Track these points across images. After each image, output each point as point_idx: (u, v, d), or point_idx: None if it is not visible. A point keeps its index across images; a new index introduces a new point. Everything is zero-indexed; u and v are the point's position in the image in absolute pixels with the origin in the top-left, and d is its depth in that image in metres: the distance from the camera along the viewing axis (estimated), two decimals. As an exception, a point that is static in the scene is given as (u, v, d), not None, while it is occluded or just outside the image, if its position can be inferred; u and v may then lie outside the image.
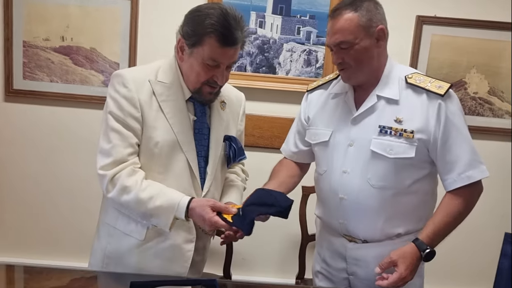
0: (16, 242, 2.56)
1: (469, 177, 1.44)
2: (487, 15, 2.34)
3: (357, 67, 1.45)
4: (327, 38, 1.48)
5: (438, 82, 1.46)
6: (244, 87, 2.38)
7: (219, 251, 2.42)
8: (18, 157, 2.48)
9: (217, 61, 1.38)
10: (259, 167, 2.45)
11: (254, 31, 2.36)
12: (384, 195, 1.47)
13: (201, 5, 1.43)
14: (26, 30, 2.35)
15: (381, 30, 1.44)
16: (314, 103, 1.65)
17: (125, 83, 1.41)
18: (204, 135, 1.50)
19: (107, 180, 1.40)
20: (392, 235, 1.50)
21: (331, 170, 1.54)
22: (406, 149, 1.43)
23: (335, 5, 1.47)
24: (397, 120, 1.45)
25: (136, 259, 1.48)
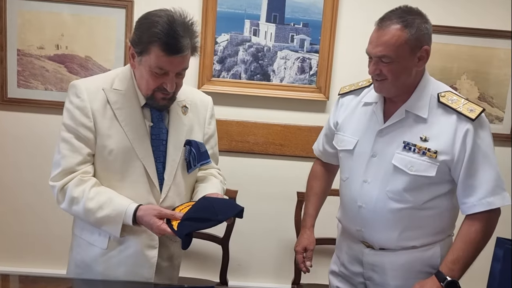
0: (11, 250, 2.54)
1: (489, 203, 1.41)
2: (477, 23, 2.39)
3: (392, 81, 1.43)
4: (369, 46, 1.44)
5: (471, 104, 1.44)
6: (239, 94, 2.41)
7: (215, 257, 2.43)
8: (13, 165, 2.47)
9: (164, 69, 1.36)
10: (254, 173, 2.49)
11: (248, 39, 2.39)
12: (400, 208, 1.47)
13: (150, 12, 1.40)
14: (20, 39, 2.35)
15: (425, 50, 1.42)
16: (344, 108, 1.65)
17: (78, 93, 1.43)
18: (162, 140, 1.49)
19: (56, 191, 1.42)
20: (407, 246, 1.51)
21: (352, 178, 1.56)
22: (427, 167, 1.43)
23: (385, 14, 1.43)
24: (422, 138, 1.44)
25: (101, 268, 1.48)
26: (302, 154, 2.46)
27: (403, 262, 1.52)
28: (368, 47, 1.45)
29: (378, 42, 1.40)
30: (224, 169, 2.42)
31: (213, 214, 1.36)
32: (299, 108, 2.45)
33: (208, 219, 1.35)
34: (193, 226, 1.35)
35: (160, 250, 1.51)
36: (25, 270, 2.49)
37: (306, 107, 2.45)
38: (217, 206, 1.38)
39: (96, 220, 1.41)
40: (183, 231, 1.33)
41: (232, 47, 2.39)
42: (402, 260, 1.52)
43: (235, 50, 2.39)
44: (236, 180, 2.36)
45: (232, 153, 2.47)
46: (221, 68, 2.41)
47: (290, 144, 2.46)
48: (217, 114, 2.39)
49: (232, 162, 2.46)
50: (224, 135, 2.44)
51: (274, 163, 2.50)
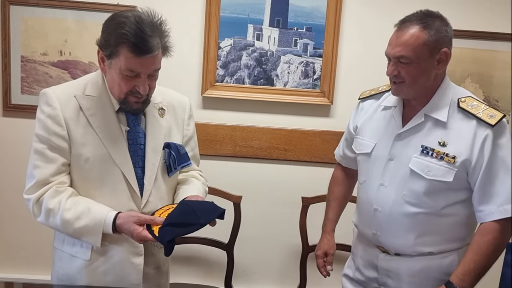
0: (15, 258, 2.53)
1: (506, 211, 1.38)
2: (480, 26, 2.38)
3: (410, 84, 1.42)
4: (388, 48, 1.44)
5: (491, 110, 1.42)
6: (242, 99, 2.41)
7: (220, 263, 2.42)
8: (16, 171, 2.46)
9: (134, 71, 1.32)
10: (259, 178, 2.48)
11: (252, 43, 2.38)
12: (416, 212, 1.46)
13: (116, 13, 1.36)
14: (24, 45, 2.35)
15: (445, 53, 1.41)
16: (364, 112, 1.65)
17: (49, 102, 1.39)
18: (140, 145, 1.46)
19: (31, 204, 1.39)
20: (424, 252, 1.49)
21: (369, 181, 1.56)
22: (445, 172, 1.41)
23: (405, 17, 1.43)
24: (441, 143, 1.43)
25: (86, 280, 1.45)
26: (306, 158, 2.45)
27: (420, 268, 1.50)
28: (387, 49, 1.45)
29: (397, 42, 1.40)
30: (228, 174, 2.43)
31: (195, 218, 1.32)
32: (303, 112, 2.44)
33: (191, 223, 1.32)
34: (175, 231, 1.31)
35: (146, 258, 1.48)
36: (29, 277, 2.48)
37: (310, 112, 2.44)
38: (198, 210, 1.35)
39: (75, 231, 1.37)
40: (166, 237, 1.30)
41: (236, 52, 2.39)
42: (418, 266, 1.50)
43: (239, 55, 2.39)
44: (240, 185, 2.36)
45: (236, 158, 2.46)
46: (224, 73, 2.40)
47: (294, 149, 2.46)
48: (221, 119, 2.42)
49: (236, 167, 2.46)
50: (228, 140, 2.44)
51: (278, 168, 2.49)
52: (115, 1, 2.33)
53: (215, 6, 2.32)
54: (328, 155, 2.44)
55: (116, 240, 1.42)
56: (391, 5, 2.38)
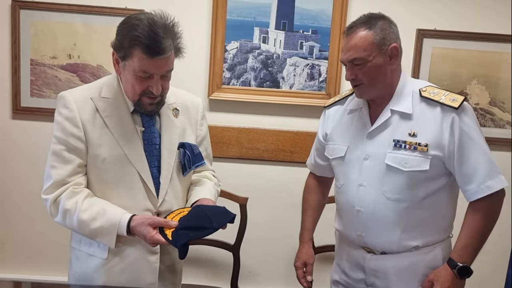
0: (24, 258, 2.56)
1: (489, 187, 1.44)
2: (486, 27, 2.38)
3: (369, 84, 1.47)
4: (341, 55, 1.51)
5: (453, 95, 1.48)
6: (249, 101, 2.43)
7: (226, 264, 2.43)
8: (26, 173, 2.50)
9: (147, 72, 1.35)
10: (265, 180, 2.49)
11: (258, 46, 2.40)
12: (399, 207, 1.49)
13: (130, 16, 1.39)
14: (33, 49, 2.39)
15: (394, 48, 1.47)
16: (331, 119, 1.69)
17: (67, 104, 1.42)
18: (155, 145, 1.48)
19: (49, 204, 1.41)
20: (410, 247, 1.52)
21: (347, 183, 1.57)
22: (420, 162, 1.45)
23: (350, 23, 1.50)
24: (411, 134, 1.47)
25: (103, 278, 1.47)
26: (312, 160, 2.46)
27: (406, 265, 1.52)
28: (341, 56, 1.52)
29: (347, 47, 1.47)
30: (235, 176, 2.45)
31: (208, 222, 1.35)
32: (309, 114, 2.45)
33: (204, 227, 1.35)
34: (189, 235, 1.33)
35: (162, 257, 1.50)
36: (38, 278, 2.51)
37: (316, 114, 2.43)
38: (211, 214, 1.38)
39: (90, 231, 1.40)
40: (180, 241, 1.32)
41: (242, 54, 2.41)
42: (405, 263, 1.52)
43: (245, 57, 2.41)
44: (247, 187, 2.37)
45: (242, 160, 2.48)
46: (230, 76, 2.42)
47: (300, 151, 2.46)
48: (227, 121, 2.44)
49: (242, 169, 2.47)
50: (234, 142, 2.45)
51: (284, 170, 2.50)
52: (123, 4, 2.36)
53: (222, 9, 2.34)
54: (334, 157, 2.45)
55: (131, 240, 1.44)
56: (396, 8, 2.39)
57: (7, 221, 2.53)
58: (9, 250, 2.55)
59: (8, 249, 2.55)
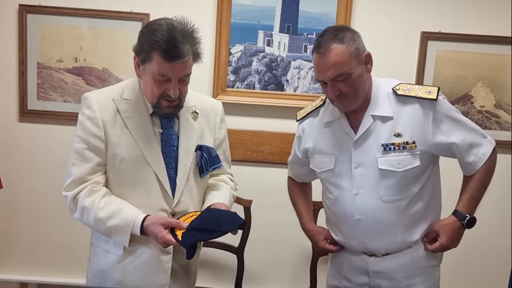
0: (30, 259, 2.58)
1: (484, 154, 1.50)
2: (491, 30, 2.37)
3: (354, 95, 1.46)
4: (318, 75, 1.47)
5: (426, 87, 1.51)
6: (253, 104, 2.43)
7: (230, 267, 2.43)
8: (32, 175, 2.52)
9: (165, 76, 1.39)
10: (269, 183, 2.49)
11: (262, 49, 2.41)
12: (398, 207, 1.50)
13: (152, 20, 1.44)
14: (40, 52, 2.42)
15: (368, 55, 1.48)
16: (307, 133, 1.67)
17: (89, 105, 1.47)
18: (173, 146, 1.51)
19: (69, 200, 1.46)
20: (411, 242, 1.54)
21: (342, 194, 1.56)
22: (411, 160, 1.47)
23: (317, 41, 1.46)
24: (396, 135, 1.48)
25: (118, 275, 1.51)
26: (317, 163, 2.46)
27: (409, 261, 1.55)
28: (318, 76, 1.48)
29: (327, 66, 1.42)
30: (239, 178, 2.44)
31: (217, 225, 1.38)
32: (313, 117, 2.46)
33: (213, 230, 1.37)
34: (198, 236, 1.37)
35: (175, 256, 1.53)
36: (44, 279, 2.53)
37: (320, 116, 2.46)
38: (221, 218, 1.40)
39: (106, 229, 1.45)
40: (188, 241, 1.35)
41: (246, 57, 2.42)
42: (407, 259, 1.55)
43: (249, 60, 2.42)
44: (251, 189, 2.37)
45: (246, 163, 2.48)
46: (235, 79, 2.43)
47: (305, 153, 2.47)
48: (231, 124, 2.44)
49: (246, 171, 2.48)
50: (238, 145, 2.46)
51: (288, 172, 2.50)
52: (129, 8, 2.38)
53: (226, 12, 2.36)
54: (338, 160, 2.45)
55: (145, 240, 1.47)
56: (401, 10, 2.39)
57: (13, 222, 2.55)
58: (16, 252, 2.58)
59: (15, 250, 2.58)
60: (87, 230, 1.63)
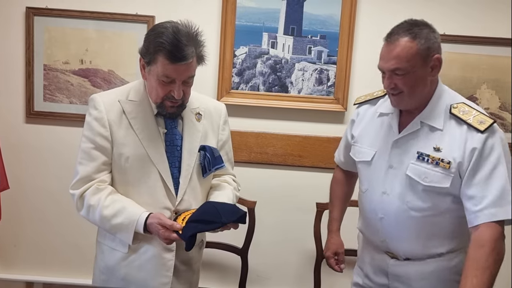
0: (36, 259, 2.60)
1: (493, 215, 1.35)
2: (496, 32, 2.37)
3: (409, 94, 1.43)
4: (380, 62, 1.45)
5: (482, 116, 1.42)
6: (257, 106, 2.44)
7: (234, 268, 2.44)
8: (39, 176, 2.54)
9: (170, 77, 1.42)
10: (273, 184, 2.50)
11: (267, 51, 2.42)
12: (422, 217, 1.46)
13: (158, 23, 1.48)
14: (46, 54, 2.44)
15: (437, 59, 1.42)
16: (360, 118, 1.66)
17: (96, 106, 1.51)
18: (177, 146, 1.55)
19: (76, 198, 1.50)
20: (434, 254, 1.50)
21: (372, 189, 1.56)
22: (441, 178, 1.42)
23: (392, 29, 1.44)
24: (436, 148, 1.43)
25: (124, 272, 1.54)
26: (321, 165, 2.47)
27: (430, 271, 1.51)
28: (380, 63, 1.45)
29: (389, 56, 1.40)
30: (243, 180, 2.44)
31: (217, 216, 1.41)
32: (317, 119, 2.46)
33: (213, 221, 1.40)
34: (197, 227, 1.40)
35: (178, 253, 1.55)
36: (49, 279, 2.55)
37: (324, 118, 2.46)
38: (220, 209, 1.43)
39: (111, 227, 1.48)
40: (187, 233, 1.39)
41: (251, 59, 2.43)
42: (429, 269, 1.50)
43: (254, 62, 2.43)
44: (255, 191, 2.38)
45: (251, 165, 2.49)
46: (239, 81, 2.44)
47: (309, 155, 2.47)
48: (236, 125, 2.45)
49: (251, 173, 2.48)
50: (243, 147, 2.47)
51: (293, 174, 2.51)
52: (134, 11, 2.40)
53: (231, 14, 2.37)
54: (342, 162, 2.45)
55: (149, 238, 1.50)
56: (405, 12, 2.37)
57: (20, 222, 2.57)
58: (21, 252, 2.60)
59: (20, 250, 2.60)
60: (93, 231, 1.65)
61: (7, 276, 2.56)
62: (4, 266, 2.61)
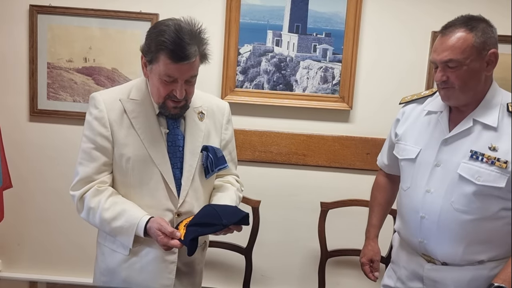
0: (39, 258, 2.60)
1: None
2: (502, 29, 2.33)
3: (461, 89, 1.38)
4: (433, 55, 1.41)
5: None
6: (262, 104, 2.43)
7: (238, 267, 2.43)
8: (42, 175, 2.54)
9: (172, 76, 1.39)
10: (278, 183, 2.49)
11: (271, 49, 2.40)
12: (467, 220, 1.41)
13: (159, 21, 1.44)
14: (50, 52, 2.43)
15: (493, 54, 1.38)
16: (405, 116, 1.62)
17: (96, 105, 1.48)
18: (179, 147, 1.51)
19: (76, 200, 1.47)
20: (474, 261, 1.44)
21: (414, 187, 1.52)
22: (496, 178, 1.37)
23: (448, 22, 1.42)
24: (491, 148, 1.39)
25: (125, 274, 1.52)
26: (325, 164, 2.45)
27: (469, 279, 1.45)
28: (432, 55, 1.42)
29: (443, 47, 1.37)
30: (247, 179, 2.43)
31: (217, 219, 1.37)
32: (322, 117, 2.44)
33: (213, 224, 1.37)
34: (198, 231, 1.37)
35: (180, 255, 1.53)
36: (53, 278, 2.54)
37: (329, 117, 2.44)
38: (220, 211, 1.40)
39: (111, 230, 1.45)
40: (188, 237, 1.36)
41: (255, 57, 2.41)
42: (467, 277, 1.45)
43: (258, 60, 2.41)
44: (259, 190, 2.37)
45: (255, 163, 2.48)
46: (244, 79, 2.43)
47: (313, 154, 2.46)
48: (240, 124, 2.44)
49: (255, 172, 2.47)
50: (247, 145, 2.46)
51: (297, 173, 2.49)
52: (138, 9, 2.38)
53: (235, 12, 2.35)
54: (347, 161, 2.44)
55: (151, 240, 1.47)
56: (411, 10, 2.37)
57: (23, 221, 2.57)
58: (24, 251, 2.60)
59: (24, 249, 2.60)
60: (96, 230, 1.64)
61: (11, 275, 2.56)
62: (7, 265, 2.61)
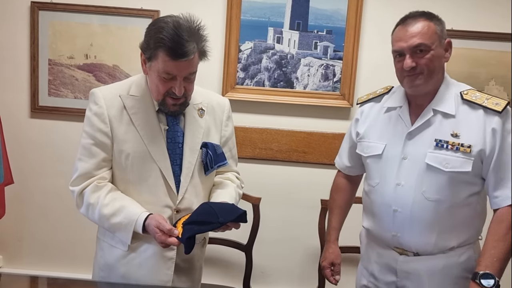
0: (40, 254, 2.61)
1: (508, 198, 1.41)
2: (504, 27, 2.34)
3: (429, 74, 1.45)
4: (398, 43, 1.47)
5: (495, 99, 1.46)
6: (262, 101, 2.43)
7: (238, 264, 2.43)
8: (43, 171, 2.55)
9: (171, 73, 1.39)
10: (278, 181, 2.49)
11: (272, 46, 2.40)
12: (439, 208, 1.46)
13: (158, 18, 1.44)
14: (51, 49, 2.44)
15: (449, 43, 1.49)
16: (365, 116, 1.66)
17: (96, 101, 1.48)
18: (178, 143, 1.51)
19: (75, 195, 1.47)
20: (445, 248, 1.50)
21: (384, 182, 1.55)
22: (462, 163, 1.43)
23: (406, 14, 1.51)
24: (453, 135, 1.45)
25: (123, 270, 1.52)
26: (326, 161, 2.45)
27: (441, 267, 1.50)
28: (398, 44, 1.47)
29: (410, 34, 1.44)
30: (248, 176, 2.44)
31: (214, 217, 1.38)
32: (323, 115, 2.44)
33: (210, 222, 1.37)
34: (194, 229, 1.37)
35: (179, 251, 1.53)
36: (54, 273, 2.55)
37: (330, 114, 2.44)
38: (217, 209, 1.40)
39: (110, 226, 1.46)
40: (185, 235, 1.36)
41: (256, 54, 2.41)
42: (439, 265, 1.50)
43: (259, 57, 2.41)
44: (260, 187, 2.37)
45: (255, 160, 2.48)
46: (244, 76, 2.43)
47: (314, 152, 2.46)
48: (241, 121, 2.44)
49: (255, 169, 2.47)
50: (247, 143, 2.46)
51: (297, 171, 2.49)
52: (139, 5, 2.38)
53: (236, 9, 2.35)
54: (347, 158, 2.44)
55: (150, 236, 1.46)
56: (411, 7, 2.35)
57: (24, 217, 2.58)
58: (25, 246, 2.60)
59: (25, 245, 2.60)
60: (96, 226, 1.64)
61: (11, 270, 2.57)
62: (8, 261, 2.62)
